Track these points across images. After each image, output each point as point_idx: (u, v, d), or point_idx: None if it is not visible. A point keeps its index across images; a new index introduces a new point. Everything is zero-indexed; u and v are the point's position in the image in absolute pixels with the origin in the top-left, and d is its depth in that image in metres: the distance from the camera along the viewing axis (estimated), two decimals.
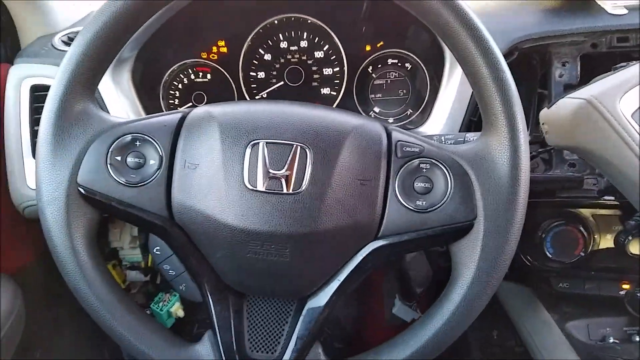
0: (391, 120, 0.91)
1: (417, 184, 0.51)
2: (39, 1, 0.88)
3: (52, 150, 0.51)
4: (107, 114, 0.56)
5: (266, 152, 0.50)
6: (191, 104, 0.92)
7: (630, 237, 0.69)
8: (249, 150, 0.51)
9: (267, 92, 0.92)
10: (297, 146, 0.51)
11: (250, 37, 0.89)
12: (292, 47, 0.90)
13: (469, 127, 0.77)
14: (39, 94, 0.79)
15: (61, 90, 0.51)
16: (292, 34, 0.89)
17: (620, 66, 0.58)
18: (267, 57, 0.90)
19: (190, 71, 0.91)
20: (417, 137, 0.53)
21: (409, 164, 0.52)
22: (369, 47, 0.89)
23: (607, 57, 0.74)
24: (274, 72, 0.91)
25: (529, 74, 0.79)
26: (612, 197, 0.70)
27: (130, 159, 0.53)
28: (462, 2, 0.48)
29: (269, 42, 0.90)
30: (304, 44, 0.90)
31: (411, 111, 0.90)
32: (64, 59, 0.52)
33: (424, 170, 0.51)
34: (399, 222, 0.51)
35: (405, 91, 0.90)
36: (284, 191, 0.50)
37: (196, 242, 0.53)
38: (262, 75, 0.91)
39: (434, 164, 0.51)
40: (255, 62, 0.91)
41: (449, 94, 0.78)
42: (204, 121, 0.53)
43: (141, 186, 0.52)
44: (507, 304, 0.93)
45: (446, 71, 0.79)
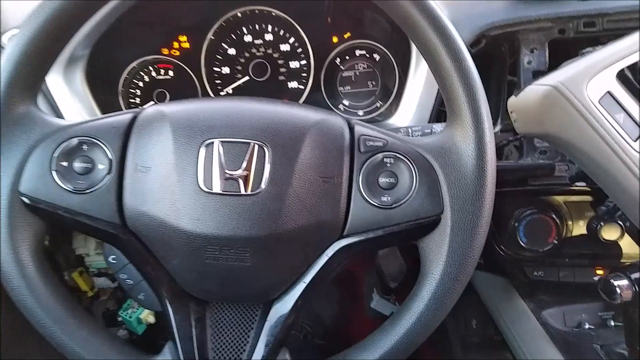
0: (361, 112, 0.89)
1: (382, 179, 0.49)
2: None
3: None
4: (52, 116, 0.52)
5: (221, 151, 0.48)
6: (153, 103, 0.89)
7: (602, 223, 0.69)
8: (203, 150, 0.48)
9: (233, 88, 0.89)
10: (254, 144, 0.48)
11: (212, 30, 0.86)
12: (257, 41, 0.87)
13: (438, 117, 0.76)
14: None
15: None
16: (257, 27, 0.86)
17: (586, 51, 0.57)
18: (231, 51, 0.87)
19: (151, 68, 0.88)
20: (380, 131, 0.51)
21: (373, 158, 0.49)
22: (335, 39, 0.87)
23: (575, 43, 0.73)
24: (239, 67, 0.88)
25: (498, 62, 0.78)
26: (583, 183, 0.69)
27: (77, 164, 0.49)
28: None
29: (233, 36, 0.87)
30: (269, 37, 0.87)
31: (381, 103, 0.88)
32: (1, 61, 0.48)
33: (388, 164, 0.49)
34: (364, 219, 0.49)
35: (374, 83, 0.88)
36: (242, 192, 0.47)
37: (152, 249, 0.51)
38: (226, 70, 0.88)
39: (398, 158, 0.49)
40: (218, 57, 0.88)
41: (417, 85, 0.76)
42: (156, 121, 0.50)
43: (90, 193, 0.49)
44: (483, 294, 0.93)
45: (413, 61, 0.77)
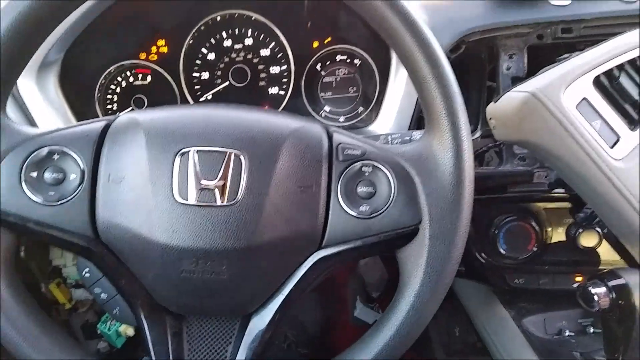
0: (342, 119, 0.88)
1: (360, 189, 0.48)
2: None
3: None
4: (21, 125, 0.50)
5: (197, 160, 0.47)
6: (131, 109, 0.87)
7: (580, 230, 0.69)
8: (178, 159, 0.47)
9: (212, 94, 0.87)
10: (230, 153, 0.47)
11: (191, 35, 0.84)
12: (237, 46, 0.86)
13: (419, 123, 0.76)
14: None
15: None
16: (236, 31, 0.85)
17: (563, 57, 0.57)
18: (211, 56, 0.86)
19: (128, 73, 0.86)
20: (359, 139, 0.51)
21: (351, 167, 0.49)
22: (316, 44, 0.86)
23: (553, 48, 0.73)
24: (219, 72, 0.87)
25: (477, 68, 0.78)
26: (562, 190, 0.70)
27: (47, 175, 0.48)
28: None
29: (212, 41, 0.85)
30: (249, 41, 0.86)
31: (362, 109, 0.88)
32: None
33: (366, 173, 0.49)
34: (343, 229, 0.48)
35: (355, 88, 0.87)
36: (218, 203, 0.46)
37: (126, 262, 0.49)
38: (205, 75, 0.87)
39: (376, 167, 0.49)
40: (198, 62, 0.86)
41: (397, 90, 0.76)
42: (129, 129, 0.49)
43: (61, 204, 0.47)
44: (465, 301, 0.93)
45: (393, 67, 0.77)
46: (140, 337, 0.52)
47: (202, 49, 0.86)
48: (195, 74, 0.86)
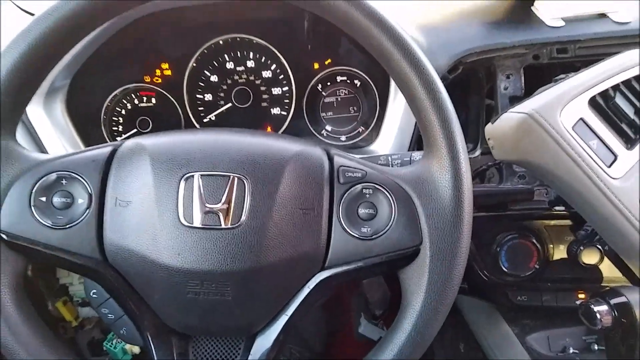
0: (343, 138, 0.89)
1: (361, 210, 0.49)
2: None
3: None
4: (30, 151, 0.52)
5: (201, 184, 0.48)
6: (136, 130, 0.88)
7: (581, 247, 0.70)
8: (183, 183, 0.48)
9: (215, 115, 0.89)
10: (233, 177, 0.48)
11: (194, 58, 0.86)
12: (239, 68, 0.88)
13: (419, 142, 0.77)
14: None
15: None
16: (238, 54, 0.87)
17: (559, 78, 0.58)
18: (214, 78, 0.88)
19: (133, 96, 0.88)
20: (359, 162, 0.52)
21: (352, 189, 0.50)
22: (317, 65, 0.88)
23: (549, 68, 0.75)
24: (222, 94, 0.88)
25: (476, 86, 0.79)
26: (562, 208, 0.70)
27: (56, 199, 0.49)
28: (396, 24, 0.47)
29: (215, 63, 0.87)
30: (250, 63, 0.88)
31: (362, 129, 0.89)
32: None
33: (367, 195, 0.49)
34: (345, 251, 0.49)
35: (355, 108, 0.89)
36: (222, 226, 0.47)
37: (132, 284, 0.50)
38: (209, 97, 0.88)
39: (377, 189, 0.49)
40: (201, 84, 0.88)
41: (396, 111, 0.77)
42: (135, 154, 0.50)
43: (69, 228, 0.48)
44: (469, 318, 0.93)
45: (392, 88, 0.79)
46: (146, 356, 0.52)
47: (205, 72, 0.87)
48: (198, 96, 0.88)
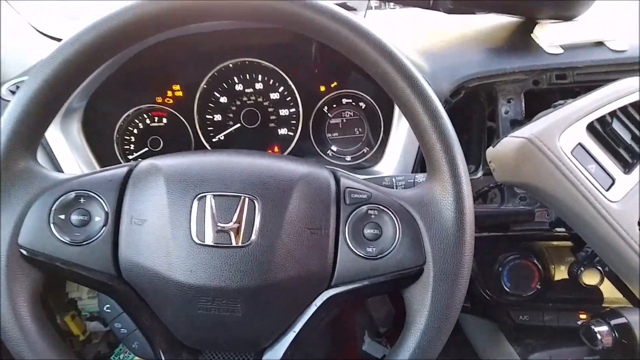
0: (348, 158, 0.92)
1: (367, 231, 0.51)
2: None
3: None
4: (50, 170, 0.54)
5: (213, 204, 0.50)
6: (147, 149, 0.91)
7: (582, 268, 0.71)
8: (196, 203, 0.50)
9: (224, 135, 0.91)
10: (244, 197, 0.50)
11: (205, 80, 0.89)
12: (248, 90, 0.90)
13: (422, 164, 0.79)
14: None
15: (0, 150, 0.49)
16: (247, 76, 0.90)
17: (558, 103, 0.60)
18: (223, 99, 0.91)
19: (145, 116, 0.90)
20: (365, 183, 0.54)
21: (358, 210, 0.52)
22: (323, 88, 0.90)
23: (548, 93, 0.77)
24: (231, 115, 0.91)
25: (478, 109, 0.82)
26: (563, 229, 0.72)
27: (74, 217, 0.51)
28: (400, 54, 0.49)
29: (224, 85, 0.90)
30: (259, 86, 0.90)
31: (367, 149, 0.91)
32: (2, 117, 0.50)
33: (372, 216, 0.51)
34: (351, 269, 0.50)
35: (360, 130, 0.91)
36: (233, 244, 0.49)
37: (146, 299, 0.52)
38: (218, 117, 0.91)
39: (382, 210, 0.51)
40: (211, 105, 0.91)
41: (400, 133, 0.79)
42: (150, 175, 0.52)
43: (86, 244, 0.50)
44: (472, 337, 0.93)
45: (396, 111, 0.81)
46: None
47: (215, 93, 0.90)
48: (208, 116, 0.91)
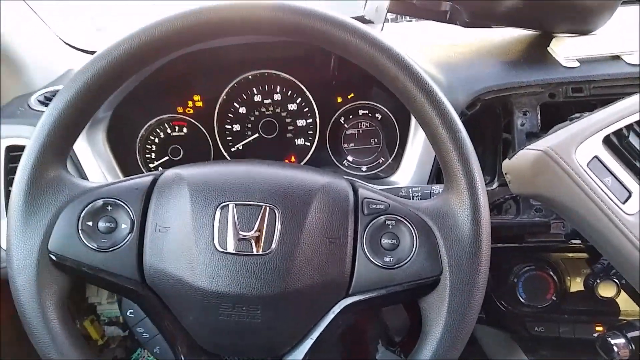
0: (364, 168, 0.93)
1: (384, 241, 0.52)
2: (15, 61, 0.89)
3: (23, 218, 0.51)
4: (79, 179, 0.56)
5: (235, 213, 0.51)
6: (167, 158, 0.93)
7: (598, 280, 0.71)
8: (218, 212, 0.52)
9: (243, 145, 0.93)
10: (265, 207, 0.52)
11: (225, 91, 0.92)
12: (266, 100, 0.93)
13: (438, 175, 0.80)
14: (14, 154, 0.79)
15: (32, 159, 0.52)
16: (266, 87, 0.92)
17: (575, 117, 0.61)
18: (242, 110, 0.93)
19: (166, 125, 0.93)
20: (382, 194, 0.55)
21: (376, 220, 0.53)
22: (340, 99, 0.92)
23: (564, 106, 0.77)
24: (249, 125, 0.93)
25: (493, 121, 0.82)
26: (578, 241, 0.72)
27: (101, 224, 0.53)
28: (419, 68, 0.51)
29: (244, 96, 0.92)
30: (277, 97, 0.92)
31: (383, 159, 0.92)
32: (36, 127, 0.52)
33: (390, 226, 0.52)
34: (368, 279, 0.52)
35: (376, 140, 0.92)
36: (254, 252, 0.50)
37: (168, 305, 0.53)
38: (237, 127, 0.93)
39: (400, 221, 0.52)
40: (230, 115, 0.93)
41: (417, 144, 0.80)
42: (175, 184, 0.54)
43: (112, 251, 0.52)
44: (487, 348, 0.93)
45: (413, 122, 0.82)
46: None
47: (235, 104, 0.92)
48: (227, 126, 0.93)
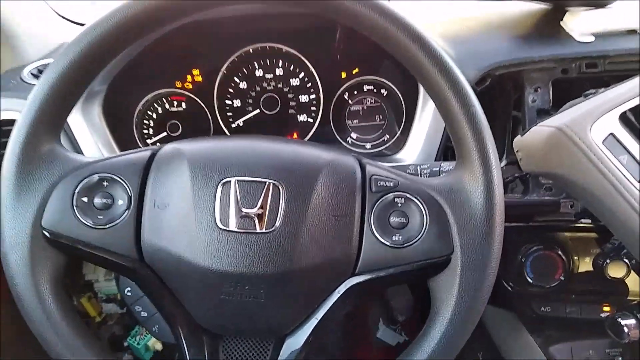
0: (368, 146, 0.91)
1: (393, 219, 0.50)
2: (7, 32, 0.86)
3: (15, 193, 0.49)
4: (73, 153, 0.54)
5: (238, 190, 0.49)
6: (166, 134, 0.91)
7: (608, 260, 0.70)
8: (220, 188, 0.49)
9: (243, 121, 0.91)
10: (269, 183, 0.50)
11: (225, 65, 0.89)
12: (268, 75, 0.90)
13: (445, 153, 0.78)
14: (6, 129, 0.76)
15: (24, 132, 0.49)
16: (267, 62, 0.89)
17: (589, 93, 0.59)
18: (243, 85, 0.90)
19: (164, 100, 0.90)
20: (391, 171, 0.53)
21: (384, 198, 0.51)
22: (344, 74, 0.89)
23: (577, 82, 0.75)
24: (250, 100, 0.90)
25: (503, 98, 0.80)
26: (588, 220, 0.71)
27: (97, 200, 0.51)
28: (432, 40, 0.48)
29: (244, 71, 0.89)
30: (279, 71, 0.89)
31: (388, 137, 0.90)
32: (27, 99, 0.50)
33: (399, 204, 0.50)
34: (376, 258, 0.50)
35: (381, 117, 0.90)
36: (257, 230, 0.48)
37: (168, 283, 0.52)
38: (237, 103, 0.91)
39: (409, 199, 0.50)
40: (230, 90, 0.90)
41: (424, 121, 0.78)
42: (174, 159, 0.52)
43: (109, 228, 0.50)
44: (490, 328, 0.93)
45: (420, 98, 0.80)
46: (170, 350, 0.53)
47: (235, 78, 0.90)
48: (227, 102, 0.90)
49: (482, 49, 0.77)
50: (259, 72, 0.89)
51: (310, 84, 0.89)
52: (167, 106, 0.90)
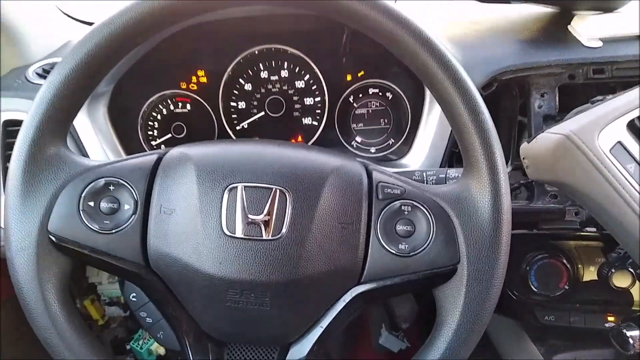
0: (373, 150, 0.90)
1: (399, 227, 0.50)
2: (12, 31, 0.86)
3: (22, 197, 0.49)
4: (80, 156, 0.54)
5: (244, 196, 0.49)
6: (170, 135, 0.91)
7: (613, 270, 0.69)
8: (226, 194, 0.49)
9: (248, 123, 0.91)
10: (276, 189, 0.49)
11: (230, 67, 0.88)
12: (273, 77, 0.89)
13: (451, 158, 0.77)
14: (11, 129, 0.76)
15: (31, 134, 0.49)
16: (273, 64, 0.89)
17: (597, 100, 0.58)
18: (248, 87, 0.90)
19: (169, 102, 0.90)
20: (398, 178, 0.52)
21: (391, 206, 0.50)
22: (349, 77, 0.89)
23: (584, 88, 0.75)
24: (255, 102, 0.90)
25: (509, 103, 0.79)
26: (594, 229, 0.70)
27: (103, 204, 0.51)
28: (441, 45, 0.48)
29: (250, 72, 0.89)
30: (284, 73, 0.89)
31: (393, 141, 0.90)
32: (34, 101, 0.50)
33: (406, 212, 0.50)
34: (382, 266, 0.49)
35: (386, 121, 0.90)
36: (263, 237, 0.48)
37: (173, 289, 0.52)
38: (242, 105, 0.90)
39: (416, 207, 0.50)
40: (235, 92, 0.90)
41: (430, 125, 0.78)
42: (180, 163, 0.52)
43: (115, 233, 0.50)
44: (493, 336, 0.92)
45: (427, 102, 0.79)
46: (173, 355, 0.53)
47: (240, 80, 0.89)
48: (232, 104, 0.90)
49: (489, 54, 0.77)
50: (264, 74, 0.89)
51: (315, 87, 0.89)
52: (172, 107, 0.90)
